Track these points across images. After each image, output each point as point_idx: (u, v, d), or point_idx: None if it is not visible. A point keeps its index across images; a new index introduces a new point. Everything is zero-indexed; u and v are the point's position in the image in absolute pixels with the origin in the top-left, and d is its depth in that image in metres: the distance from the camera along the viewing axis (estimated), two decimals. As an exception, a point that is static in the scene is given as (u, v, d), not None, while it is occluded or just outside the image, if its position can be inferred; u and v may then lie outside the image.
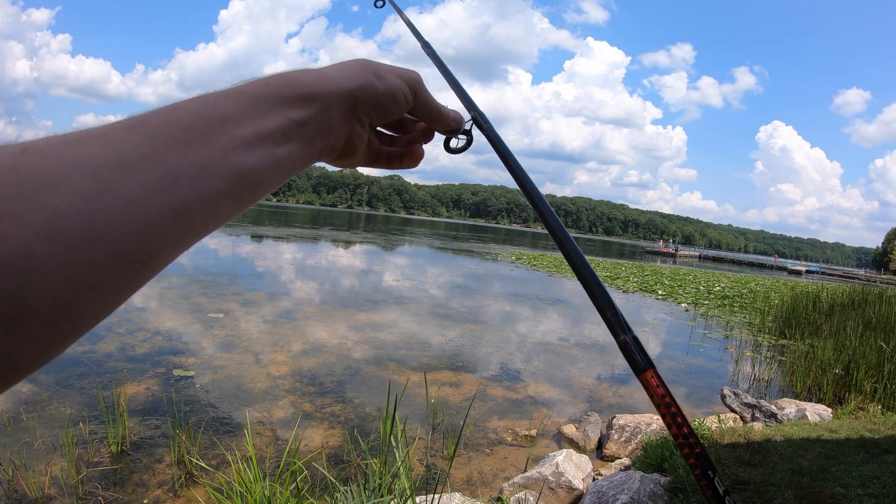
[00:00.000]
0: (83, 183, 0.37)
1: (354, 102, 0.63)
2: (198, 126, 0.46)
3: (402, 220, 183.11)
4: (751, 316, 19.03)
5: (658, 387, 0.61)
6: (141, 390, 6.96)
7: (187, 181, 0.43)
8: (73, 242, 0.35)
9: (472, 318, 14.72)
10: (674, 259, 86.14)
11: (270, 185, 0.54)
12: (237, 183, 0.48)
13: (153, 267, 0.43)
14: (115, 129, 0.42)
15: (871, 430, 6.98)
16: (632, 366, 0.63)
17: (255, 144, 0.50)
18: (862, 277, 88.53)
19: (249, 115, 0.51)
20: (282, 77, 0.57)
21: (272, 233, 41.79)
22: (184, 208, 0.43)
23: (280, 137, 0.53)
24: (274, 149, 0.53)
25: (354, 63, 0.66)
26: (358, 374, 8.58)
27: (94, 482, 4.87)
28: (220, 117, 0.48)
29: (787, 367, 11.28)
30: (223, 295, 13.79)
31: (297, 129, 0.56)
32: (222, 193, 0.46)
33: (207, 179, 0.45)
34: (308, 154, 0.59)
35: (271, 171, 0.53)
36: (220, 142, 0.47)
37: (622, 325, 0.65)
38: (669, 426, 0.60)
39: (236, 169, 0.48)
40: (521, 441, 6.80)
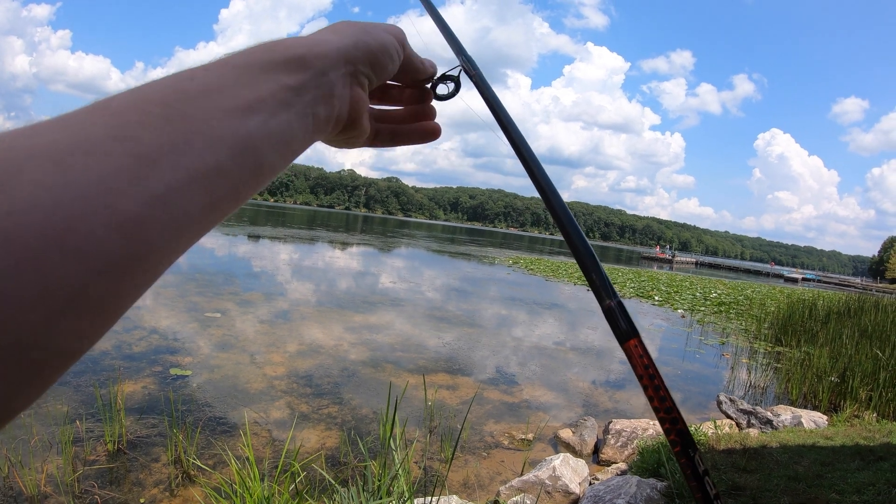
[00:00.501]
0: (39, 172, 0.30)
1: (352, 62, 0.59)
2: (175, 100, 0.40)
3: (400, 223, 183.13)
4: (747, 323, 19.07)
5: (642, 357, 0.59)
6: (138, 389, 6.95)
7: (170, 160, 0.37)
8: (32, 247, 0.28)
9: (468, 321, 14.73)
10: (670, 265, 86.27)
11: (274, 162, 0.48)
12: (232, 158, 0.42)
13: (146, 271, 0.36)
14: (76, 113, 0.36)
15: (866, 437, 7.00)
16: (615, 332, 0.61)
17: (247, 114, 0.44)
18: (858, 286, 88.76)
19: (236, 84, 0.45)
20: (266, 44, 0.52)
21: (269, 233, 41.78)
22: (170, 194, 0.36)
23: (275, 106, 0.48)
24: (270, 119, 0.46)
25: (340, 23, 0.63)
26: (354, 376, 8.58)
27: (90, 480, 4.86)
28: (202, 89, 0.42)
29: (783, 375, 11.30)
30: (220, 294, 13.77)
31: (294, 95, 0.50)
32: (215, 171, 0.40)
33: (194, 156, 0.39)
34: (312, 126, 0.54)
35: (271, 144, 0.47)
36: (205, 114, 0.41)
37: (608, 290, 0.63)
38: (651, 399, 0.58)
39: (228, 141, 0.42)
40: (517, 445, 6.80)
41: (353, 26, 0.62)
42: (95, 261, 0.31)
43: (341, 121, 0.60)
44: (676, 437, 0.56)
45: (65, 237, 0.30)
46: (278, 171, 0.50)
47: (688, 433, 0.56)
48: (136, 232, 0.33)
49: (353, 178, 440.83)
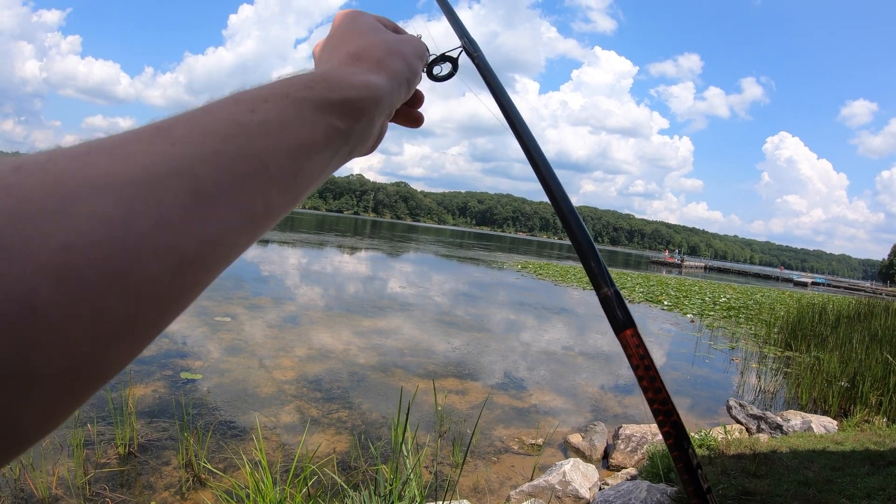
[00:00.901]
0: (101, 205, 0.29)
1: (392, 102, 0.61)
2: (236, 135, 0.39)
3: (408, 227, 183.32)
4: (756, 327, 18.99)
5: (638, 347, 0.58)
6: (148, 392, 6.98)
7: (227, 201, 0.36)
8: (91, 284, 0.28)
9: (477, 325, 14.72)
10: (679, 270, 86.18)
11: (309, 191, 0.49)
12: (280, 196, 0.42)
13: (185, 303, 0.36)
14: (134, 139, 0.35)
15: (876, 442, 6.98)
16: (611, 321, 0.60)
17: (301, 156, 0.44)
18: (868, 290, 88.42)
19: (293, 123, 0.44)
20: (328, 78, 0.52)
21: (278, 237, 41.81)
22: (223, 235, 0.36)
23: (324, 147, 0.48)
24: (318, 158, 0.47)
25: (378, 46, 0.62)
26: (364, 381, 8.59)
27: (101, 483, 4.88)
28: (262, 126, 0.42)
29: (793, 379, 11.27)
30: (230, 299, 13.80)
31: (342, 139, 0.51)
32: (264, 210, 0.41)
33: (249, 197, 0.39)
34: (344, 160, 0.55)
35: (310, 180, 0.47)
36: (264, 154, 0.41)
37: (605, 278, 0.62)
38: (646, 390, 0.57)
39: (280, 181, 0.42)
40: (527, 450, 6.80)
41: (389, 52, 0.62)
42: (149, 299, 0.31)
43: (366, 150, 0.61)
44: (671, 429, 0.56)
45: (124, 276, 0.29)
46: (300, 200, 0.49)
47: (681, 426, 0.56)
48: (188, 272, 0.34)
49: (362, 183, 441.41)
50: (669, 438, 0.55)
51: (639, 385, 0.57)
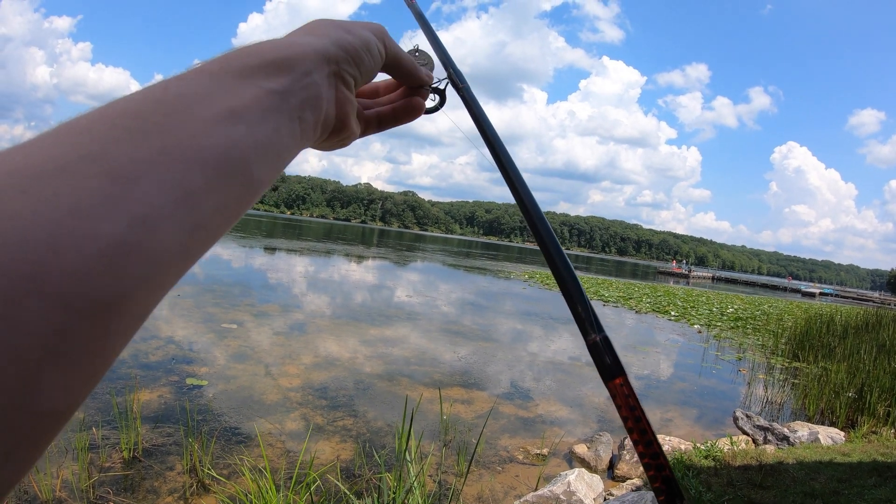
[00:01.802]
0: (4, 201, 0.27)
1: (335, 61, 0.56)
2: (151, 111, 0.37)
3: (416, 237, 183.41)
4: (764, 338, 18.93)
5: (628, 397, 0.54)
6: (154, 398, 6.99)
7: (151, 178, 0.33)
8: (2, 296, 0.25)
9: (484, 335, 14.70)
10: (687, 280, 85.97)
11: (264, 174, 0.45)
12: (218, 171, 0.38)
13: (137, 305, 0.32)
14: (42, 136, 0.32)
15: (883, 453, 6.94)
16: (600, 370, 0.56)
17: (231, 123, 0.41)
18: (876, 300, 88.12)
19: (215, 91, 0.42)
20: (241, 49, 0.49)
21: (285, 245, 41.92)
22: (154, 215, 0.32)
23: (260, 112, 0.44)
24: (255, 127, 0.43)
25: (317, 22, 0.60)
26: (369, 389, 8.59)
27: (105, 487, 4.88)
28: (179, 98, 0.39)
29: (800, 390, 11.24)
30: (236, 306, 13.83)
31: (279, 100, 0.47)
32: (201, 187, 0.37)
33: (177, 172, 0.35)
34: (300, 132, 0.51)
35: (259, 153, 0.43)
36: (184, 125, 0.38)
37: (593, 323, 0.59)
38: (637, 443, 0.53)
39: (213, 153, 0.38)
40: (532, 459, 6.78)
41: (332, 25, 0.60)
42: (79, 300, 0.28)
43: (329, 124, 0.58)
44: (662, 484, 0.52)
45: (41, 278, 0.26)
46: (269, 183, 0.47)
47: (674, 480, 0.52)
48: (121, 261, 0.30)
49: (370, 192, 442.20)
50: (661, 495, 0.52)
51: (630, 435, 0.54)
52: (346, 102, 0.59)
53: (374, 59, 0.63)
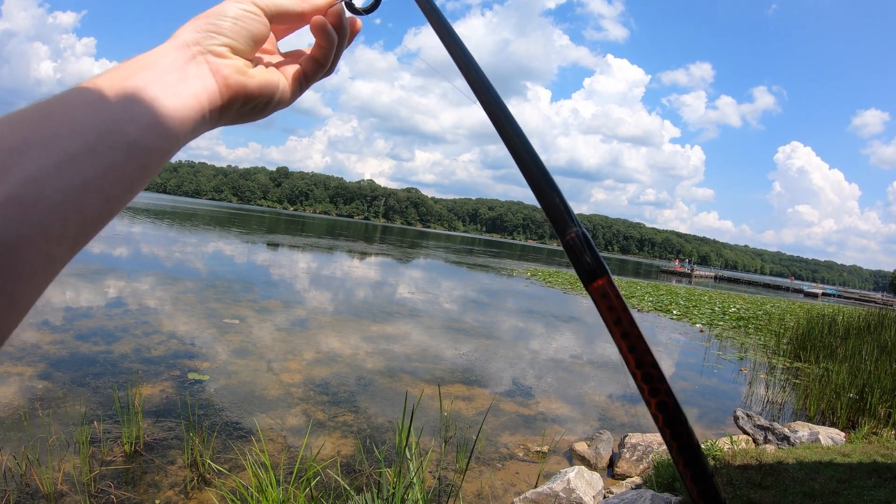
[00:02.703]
0: None
1: (194, 42, 0.59)
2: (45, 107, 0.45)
3: (419, 234, 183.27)
4: (765, 338, 18.95)
5: (617, 298, 0.48)
6: (155, 392, 7.01)
7: (38, 147, 0.41)
8: None
9: (485, 332, 14.72)
10: (689, 279, 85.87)
11: (149, 140, 0.50)
12: (97, 138, 0.45)
13: (32, 254, 0.39)
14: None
15: (884, 454, 6.94)
16: (579, 271, 0.50)
17: (105, 103, 0.48)
18: (879, 301, 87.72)
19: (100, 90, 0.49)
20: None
21: (288, 241, 41.95)
22: (38, 176, 0.40)
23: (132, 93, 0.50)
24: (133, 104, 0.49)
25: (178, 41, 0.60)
26: (371, 385, 8.60)
27: (106, 481, 4.90)
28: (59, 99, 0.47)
29: (801, 391, 11.24)
30: (238, 301, 13.85)
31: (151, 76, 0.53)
32: (81, 151, 0.44)
33: (60, 140, 0.43)
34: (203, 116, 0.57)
35: (140, 125, 0.49)
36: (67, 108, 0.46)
37: (570, 217, 0.52)
38: (631, 350, 0.47)
39: (91, 123, 0.46)
40: (532, 457, 6.79)
41: (193, 19, 0.62)
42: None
43: (224, 94, 0.60)
44: (665, 397, 0.46)
45: None
46: (161, 149, 0.51)
47: (676, 402, 0.46)
48: (13, 211, 0.37)
49: (373, 189, 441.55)
50: (666, 410, 0.45)
51: (619, 350, 0.47)
52: (223, 68, 0.60)
53: (238, 19, 0.62)
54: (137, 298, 12.60)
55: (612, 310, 0.48)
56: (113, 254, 20.02)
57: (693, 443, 0.44)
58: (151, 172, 0.50)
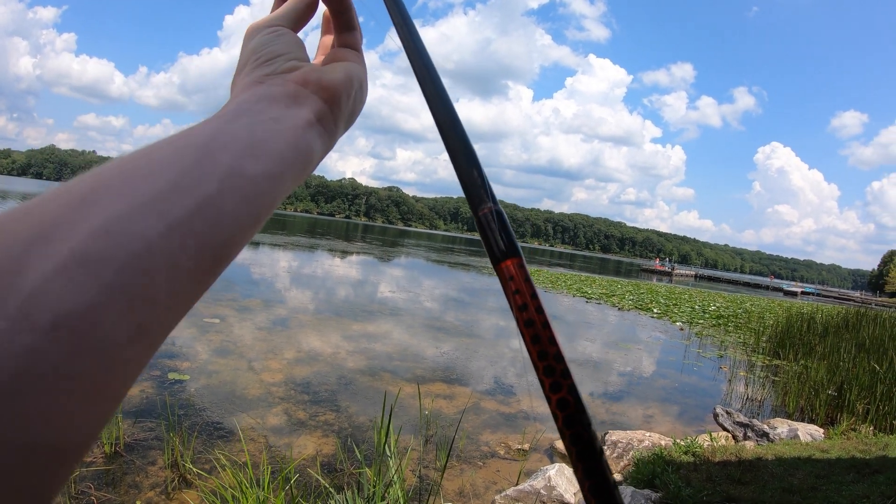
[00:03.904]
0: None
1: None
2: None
3: (400, 232, 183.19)
4: (745, 336, 19.08)
5: (526, 281, 0.44)
6: (135, 392, 6.96)
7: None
8: None
9: (466, 331, 14.74)
10: (670, 278, 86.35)
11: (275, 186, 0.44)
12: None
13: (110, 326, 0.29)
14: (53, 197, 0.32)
15: (862, 450, 7.01)
16: (489, 249, 0.46)
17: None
18: (857, 299, 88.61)
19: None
20: None
21: (269, 240, 41.75)
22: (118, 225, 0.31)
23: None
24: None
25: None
26: (351, 384, 8.59)
27: (86, 482, 4.87)
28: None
29: (781, 388, 11.34)
30: (219, 300, 13.77)
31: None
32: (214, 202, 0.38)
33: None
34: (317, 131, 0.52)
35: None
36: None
37: (486, 192, 0.48)
38: (535, 340, 0.43)
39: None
40: (513, 454, 6.81)
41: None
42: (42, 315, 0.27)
43: (324, 99, 0.55)
44: (568, 394, 0.40)
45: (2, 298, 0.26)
46: (266, 179, 0.43)
47: (579, 395, 0.40)
48: (81, 273, 0.29)
49: (354, 187, 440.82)
50: (566, 408, 0.40)
51: (522, 339, 0.43)
52: (305, 74, 0.55)
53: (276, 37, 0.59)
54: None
55: (519, 294, 0.44)
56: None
57: (595, 449, 0.39)
58: (262, 203, 0.42)
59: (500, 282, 0.45)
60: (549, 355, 0.42)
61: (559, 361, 0.41)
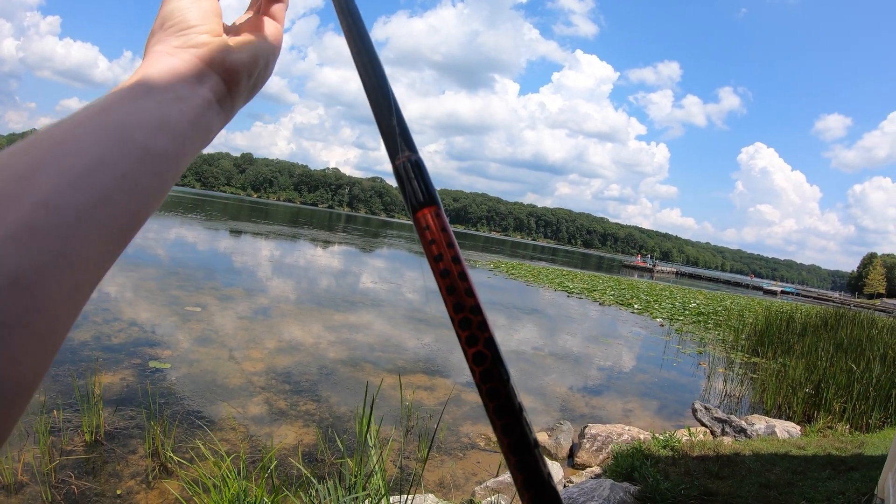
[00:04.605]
0: None
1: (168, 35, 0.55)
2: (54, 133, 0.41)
3: (382, 223, 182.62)
4: (724, 333, 19.21)
5: (443, 231, 0.44)
6: (116, 380, 6.93)
7: (45, 171, 0.37)
8: None
9: (447, 323, 14.42)
10: (651, 274, 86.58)
11: (166, 145, 0.46)
12: (108, 147, 0.41)
13: (54, 283, 0.35)
14: None
15: (838, 447, 7.09)
16: (405, 198, 0.46)
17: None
18: (836, 300, 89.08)
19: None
20: None
21: (251, 229, 41.61)
22: (51, 200, 0.36)
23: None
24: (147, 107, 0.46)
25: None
26: (333, 375, 8.59)
27: (67, 471, 4.85)
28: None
29: (759, 385, 11.44)
30: (201, 289, 13.73)
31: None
32: (94, 166, 0.40)
33: (68, 158, 0.39)
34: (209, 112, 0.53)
35: (154, 129, 0.46)
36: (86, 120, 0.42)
37: (406, 140, 0.48)
38: (451, 291, 0.43)
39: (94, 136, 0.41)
40: (493, 446, 6.83)
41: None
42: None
43: (225, 80, 0.56)
44: (485, 347, 0.40)
45: None
46: (179, 154, 0.48)
47: (496, 345, 0.41)
48: (27, 238, 0.33)
49: (338, 177, 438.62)
50: (482, 362, 0.40)
51: (439, 290, 0.43)
52: (212, 53, 0.56)
53: (194, 3, 0.58)
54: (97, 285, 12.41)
55: (435, 243, 0.44)
56: (72, 239, 19.67)
57: (513, 405, 0.39)
58: (168, 177, 0.46)
59: (417, 231, 0.45)
60: (465, 307, 0.42)
61: (476, 314, 0.41)
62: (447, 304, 0.42)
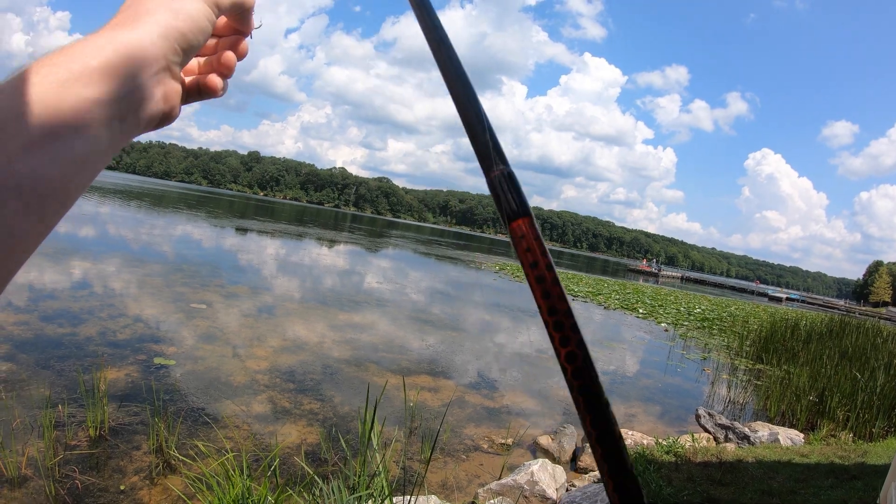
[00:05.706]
0: None
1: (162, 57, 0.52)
2: None
3: (388, 223, 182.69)
4: (729, 339, 19.18)
5: (536, 239, 0.46)
6: (121, 376, 6.95)
7: None
8: None
9: (452, 325, 14.75)
10: (656, 279, 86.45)
11: (78, 185, 0.45)
12: (33, 195, 0.41)
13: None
14: None
15: (841, 456, 7.08)
16: (500, 209, 0.48)
17: (45, 147, 0.41)
18: (841, 308, 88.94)
19: (32, 112, 0.41)
20: (67, 50, 0.47)
21: (257, 227, 41.67)
22: None
23: (78, 126, 0.44)
24: (73, 142, 0.43)
25: (138, 4, 0.54)
26: (337, 374, 8.60)
27: (71, 465, 4.86)
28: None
29: (763, 392, 11.40)
30: (206, 286, 13.75)
31: (102, 110, 0.46)
32: (15, 212, 0.39)
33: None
34: (121, 136, 0.49)
35: (75, 169, 0.44)
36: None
37: (498, 154, 0.50)
38: (542, 298, 0.44)
39: (27, 181, 0.40)
40: (496, 449, 6.83)
41: (156, 3, 0.54)
42: None
43: (154, 120, 0.54)
44: (576, 348, 0.43)
45: None
46: (83, 190, 0.47)
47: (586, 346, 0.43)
48: None
49: (344, 177, 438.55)
50: (574, 361, 0.42)
51: (533, 295, 0.44)
52: (173, 94, 0.55)
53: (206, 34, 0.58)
54: (103, 280, 12.47)
55: (530, 251, 0.46)
56: (79, 234, 19.75)
57: (602, 400, 0.42)
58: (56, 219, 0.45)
59: (512, 241, 0.46)
60: (558, 311, 0.43)
61: (569, 317, 0.43)
62: (541, 308, 0.44)
